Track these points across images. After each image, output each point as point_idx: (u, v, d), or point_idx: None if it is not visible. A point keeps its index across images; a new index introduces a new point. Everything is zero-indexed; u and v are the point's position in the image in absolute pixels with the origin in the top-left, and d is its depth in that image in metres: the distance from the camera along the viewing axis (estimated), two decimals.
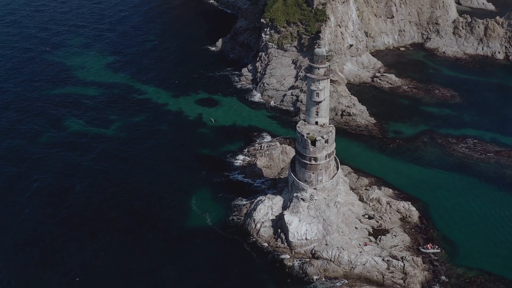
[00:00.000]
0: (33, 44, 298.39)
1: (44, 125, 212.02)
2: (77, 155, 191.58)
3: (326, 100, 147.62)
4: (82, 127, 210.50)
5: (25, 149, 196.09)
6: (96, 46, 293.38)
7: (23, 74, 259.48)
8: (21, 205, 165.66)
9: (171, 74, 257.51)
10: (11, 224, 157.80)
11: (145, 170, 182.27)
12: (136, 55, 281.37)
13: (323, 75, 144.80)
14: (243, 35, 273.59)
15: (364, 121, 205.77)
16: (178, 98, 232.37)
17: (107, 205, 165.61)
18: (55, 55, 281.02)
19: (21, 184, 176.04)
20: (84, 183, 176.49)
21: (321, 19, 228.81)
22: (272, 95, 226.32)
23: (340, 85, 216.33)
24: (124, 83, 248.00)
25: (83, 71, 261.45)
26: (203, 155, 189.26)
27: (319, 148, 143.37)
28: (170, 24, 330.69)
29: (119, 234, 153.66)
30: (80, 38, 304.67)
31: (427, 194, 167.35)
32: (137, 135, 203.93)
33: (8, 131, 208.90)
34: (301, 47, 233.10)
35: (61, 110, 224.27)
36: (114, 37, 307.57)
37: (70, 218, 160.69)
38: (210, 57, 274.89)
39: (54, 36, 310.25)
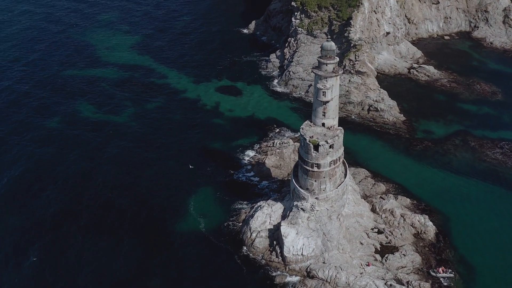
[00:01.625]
0: (63, 20, 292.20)
1: (54, 109, 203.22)
2: (78, 145, 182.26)
3: (335, 100, 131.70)
4: (92, 113, 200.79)
5: (30, 135, 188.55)
6: (125, 25, 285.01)
7: (45, 52, 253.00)
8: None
9: (196, 58, 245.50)
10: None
11: (148, 164, 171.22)
12: (165, 36, 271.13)
13: (332, 72, 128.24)
14: (276, 18, 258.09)
15: (392, 117, 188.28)
16: (198, 85, 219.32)
17: (98, 199, 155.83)
18: (82, 33, 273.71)
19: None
20: (78, 173, 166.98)
21: (353, 5, 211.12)
22: (297, 85, 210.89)
23: (369, 77, 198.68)
24: (146, 66, 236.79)
25: (107, 51, 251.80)
26: (212, 150, 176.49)
27: (322, 153, 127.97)
28: (206, 4, 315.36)
29: (106, 234, 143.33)
30: (112, 16, 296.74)
31: (450, 205, 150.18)
32: (147, 124, 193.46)
33: (14, 112, 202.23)
34: (331, 34, 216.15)
35: (75, 94, 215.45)
36: (146, 16, 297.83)
37: (53, 213, 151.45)
38: (240, 41, 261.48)
39: (86, 11, 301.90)
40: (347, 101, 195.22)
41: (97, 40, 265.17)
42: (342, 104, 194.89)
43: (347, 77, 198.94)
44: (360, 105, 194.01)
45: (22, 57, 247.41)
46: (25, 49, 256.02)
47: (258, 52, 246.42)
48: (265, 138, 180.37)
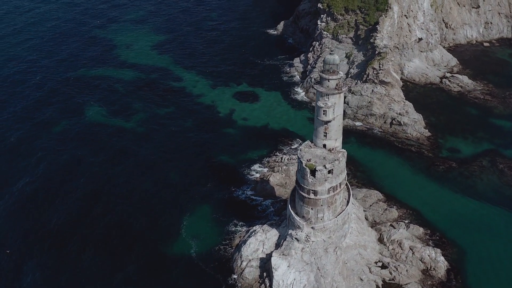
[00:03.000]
0: (89, 17, 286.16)
1: (63, 112, 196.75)
2: (81, 151, 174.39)
3: (338, 120, 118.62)
4: (102, 116, 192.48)
5: (34, 138, 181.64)
6: (150, 22, 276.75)
7: (64, 50, 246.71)
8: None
9: (217, 60, 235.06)
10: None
11: (147, 175, 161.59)
12: (189, 35, 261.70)
13: (334, 88, 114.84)
14: (304, 19, 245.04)
15: (415, 133, 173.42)
16: (215, 89, 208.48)
17: (87, 213, 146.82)
18: (105, 30, 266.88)
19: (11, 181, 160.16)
20: (72, 184, 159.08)
21: (381, 8, 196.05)
22: None
23: (394, 88, 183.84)
24: (164, 67, 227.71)
25: (127, 51, 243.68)
26: (218, 162, 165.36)
27: (319, 179, 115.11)
28: (240, 3, 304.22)
29: (85, 253, 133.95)
30: (137, 13, 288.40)
31: (468, 237, 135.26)
32: (155, 131, 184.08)
33: (23, 114, 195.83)
34: (357, 39, 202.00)
35: (87, 95, 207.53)
36: (173, 13, 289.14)
37: (43, 225, 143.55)
38: (266, 42, 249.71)
39: (112, 8, 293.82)
40: (369, 113, 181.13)
41: (120, 39, 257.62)
42: (364, 116, 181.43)
43: (370, 87, 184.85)
44: (383, 118, 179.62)
45: (37, 56, 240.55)
46: (45, 48, 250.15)
47: (283, 55, 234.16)
48: (275, 152, 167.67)
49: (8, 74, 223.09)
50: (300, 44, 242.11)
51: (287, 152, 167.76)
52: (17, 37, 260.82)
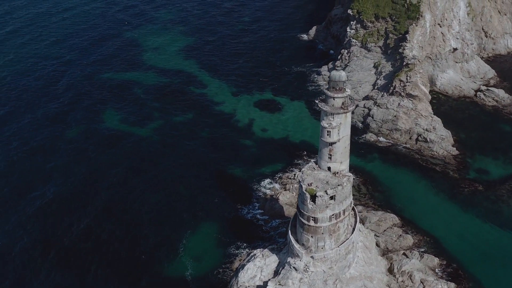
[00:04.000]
0: (117, 16, 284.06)
1: (79, 117, 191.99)
2: (91, 161, 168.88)
3: (344, 141, 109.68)
4: (118, 123, 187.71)
5: (49, 144, 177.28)
6: (181, 25, 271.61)
7: (92, 53, 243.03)
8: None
9: (243, 65, 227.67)
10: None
11: (156, 187, 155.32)
12: (219, 39, 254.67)
13: (340, 107, 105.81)
14: (336, 25, 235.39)
15: (442, 151, 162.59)
16: (237, 97, 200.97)
17: (79, 226, 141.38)
18: (134, 32, 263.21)
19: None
20: (69, 192, 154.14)
21: (412, 16, 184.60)
22: None
23: (421, 102, 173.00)
24: (189, 72, 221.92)
25: (154, 54, 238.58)
26: (229, 176, 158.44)
27: (320, 206, 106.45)
28: (273, 4, 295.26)
29: (77, 269, 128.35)
30: (169, 14, 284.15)
31: (488, 271, 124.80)
32: (170, 140, 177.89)
33: (41, 117, 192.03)
34: (386, 48, 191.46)
35: (106, 100, 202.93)
36: (207, 16, 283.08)
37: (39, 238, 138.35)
38: (296, 48, 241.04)
39: (143, 8, 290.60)
40: (394, 128, 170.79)
41: (145, 40, 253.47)
42: (388, 131, 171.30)
43: (396, 100, 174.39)
44: (408, 134, 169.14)
45: (60, 54, 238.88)
46: (67, 46, 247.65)
47: (312, 62, 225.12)
48: (290, 167, 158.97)
49: (32, 76, 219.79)
50: (330, 51, 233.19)
51: (298, 168, 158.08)
52: (47, 38, 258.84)
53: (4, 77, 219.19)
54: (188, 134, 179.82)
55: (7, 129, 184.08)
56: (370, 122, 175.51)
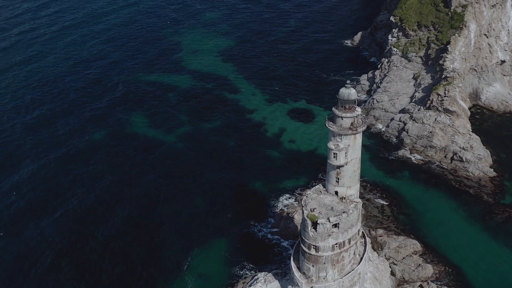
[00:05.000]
0: (160, 16, 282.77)
1: (106, 119, 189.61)
2: (110, 166, 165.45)
3: (353, 164, 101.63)
4: (144, 127, 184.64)
5: (67, 147, 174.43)
6: (224, 26, 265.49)
7: (127, 52, 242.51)
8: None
9: (281, 71, 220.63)
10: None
11: (171, 198, 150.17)
12: (261, 43, 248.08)
13: (348, 128, 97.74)
14: (381, 31, 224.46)
15: (478, 172, 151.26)
16: (270, 105, 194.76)
17: (93, 234, 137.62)
18: (175, 32, 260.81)
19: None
20: (86, 202, 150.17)
21: (456, 26, 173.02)
22: (379, 117, 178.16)
23: (459, 118, 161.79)
24: (224, 76, 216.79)
25: (192, 56, 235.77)
26: (247, 189, 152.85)
27: (322, 234, 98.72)
28: (322, 7, 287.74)
29: (71, 281, 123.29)
30: (215, 15, 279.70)
31: None
32: (193, 148, 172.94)
33: (64, 119, 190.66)
34: (427, 58, 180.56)
35: (137, 103, 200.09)
36: (250, 18, 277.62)
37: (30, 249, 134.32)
38: (338, 54, 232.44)
39: (190, 9, 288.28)
40: (429, 145, 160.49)
41: (187, 41, 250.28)
42: (423, 148, 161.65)
43: (433, 115, 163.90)
44: (443, 152, 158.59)
45: (98, 57, 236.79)
46: (108, 48, 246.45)
47: (353, 70, 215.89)
48: (313, 183, 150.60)
49: (64, 75, 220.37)
50: (373, 59, 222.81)
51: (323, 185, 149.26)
52: (84, 36, 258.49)
53: (46, 77, 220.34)
54: (213, 143, 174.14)
55: (36, 128, 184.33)
56: (405, 137, 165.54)
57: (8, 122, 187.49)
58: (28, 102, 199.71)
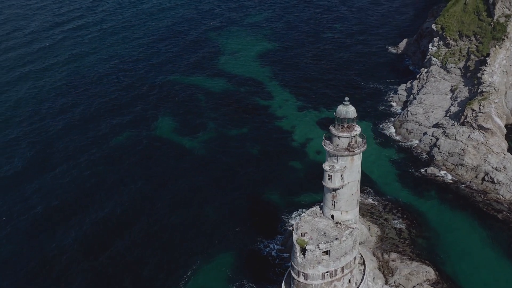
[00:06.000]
0: (203, 16, 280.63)
1: (133, 121, 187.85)
2: (128, 171, 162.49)
3: (350, 188, 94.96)
4: (169, 131, 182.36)
5: (88, 148, 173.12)
6: (267, 28, 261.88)
7: (166, 53, 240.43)
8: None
9: (318, 77, 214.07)
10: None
11: (182, 207, 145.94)
12: (302, 47, 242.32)
13: (345, 148, 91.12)
14: (426, 39, 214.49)
15: (510, 195, 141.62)
16: (301, 112, 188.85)
17: (98, 241, 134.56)
18: (216, 33, 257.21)
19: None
20: (100, 205, 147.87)
21: (497, 37, 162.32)
22: (411, 130, 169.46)
23: (494, 136, 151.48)
24: (259, 81, 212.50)
25: (230, 59, 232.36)
26: (262, 201, 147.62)
27: (310, 261, 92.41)
28: (376, 14, 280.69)
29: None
30: (261, 17, 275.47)
31: None
32: (215, 155, 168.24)
33: (91, 120, 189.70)
34: (465, 70, 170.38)
35: (165, 104, 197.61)
36: (295, 21, 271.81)
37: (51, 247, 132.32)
38: (380, 61, 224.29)
39: (235, 10, 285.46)
40: (460, 163, 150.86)
41: (226, 42, 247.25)
42: (453, 166, 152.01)
43: (466, 131, 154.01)
44: (474, 171, 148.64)
45: (135, 57, 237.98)
46: (147, 48, 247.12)
47: (392, 78, 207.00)
48: None
49: (98, 75, 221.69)
50: (417, 67, 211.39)
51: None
52: (124, 34, 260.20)
53: (86, 76, 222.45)
54: (235, 151, 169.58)
55: (56, 127, 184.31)
56: (436, 154, 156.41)
57: (42, 121, 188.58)
58: (63, 102, 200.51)
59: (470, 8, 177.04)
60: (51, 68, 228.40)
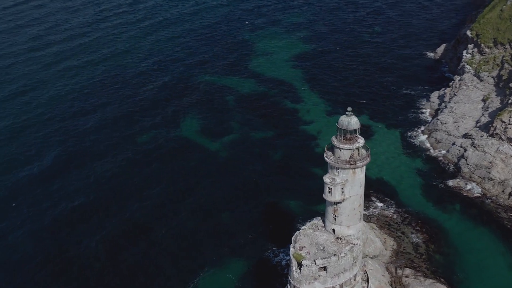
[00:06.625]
0: (241, 16, 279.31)
1: (160, 121, 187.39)
2: (147, 171, 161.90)
3: (352, 202, 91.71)
4: (192, 132, 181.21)
5: (109, 147, 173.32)
6: (304, 30, 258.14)
7: (199, 53, 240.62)
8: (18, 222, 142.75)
9: (351, 81, 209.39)
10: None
11: (198, 210, 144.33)
12: (337, 49, 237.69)
13: (346, 161, 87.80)
14: (463, 45, 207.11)
15: None
16: (329, 118, 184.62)
17: (111, 244, 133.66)
18: (252, 33, 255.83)
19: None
20: (119, 208, 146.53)
21: None
22: (440, 140, 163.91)
23: None
24: (289, 83, 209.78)
25: (262, 60, 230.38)
26: (279, 208, 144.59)
27: (306, 277, 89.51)
28: (423, 17, 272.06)
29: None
30: (295, 18, 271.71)
31: None
32: (236, 159, 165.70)
33: (118, 118, 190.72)
34: (499, 80, 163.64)
35: (192, 104, 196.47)
36: (335, 23, 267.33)
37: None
38: (416, 66, 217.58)
39: (271, 9, 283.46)
40: (487, 176, 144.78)
41: (260, 43, 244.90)
42: (480, 179, 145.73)
43: (495, 143, 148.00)
44: (501, 185, 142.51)
45: (172, 57, 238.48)
46: (185, 48, 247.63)
47: (426, 85, 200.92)
48: None
49: (133, 73, 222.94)
50: (453, 74, 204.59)
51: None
52: (162, 33, 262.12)
53: (119, 74, 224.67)
54: (258, 155, 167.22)
55: (85, 126, 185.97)
56: (463, 166, 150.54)
57: (72, 119, 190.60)
58: (95, 100, 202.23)
59: (507, 15, 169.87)
60: (86, 65, 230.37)
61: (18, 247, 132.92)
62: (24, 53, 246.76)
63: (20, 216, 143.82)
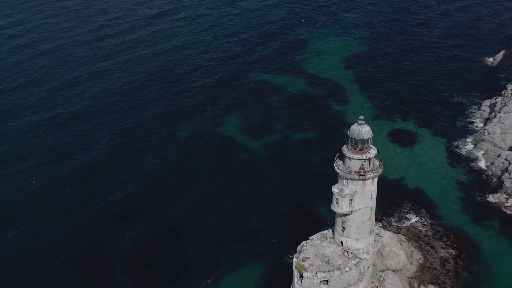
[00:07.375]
0: (299, 14, 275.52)
1: (200, 118, 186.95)
2: (181, 168, 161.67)
3: (361, 215, 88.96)
4: (235, 129, 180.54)
5: (160, 149, 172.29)
6: (362, 30, 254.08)
7: (253, 50, 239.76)
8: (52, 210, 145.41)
9: (403, 85, 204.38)
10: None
11: (227, 210, 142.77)
12: (393, 52, 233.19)
13: (356, 172, 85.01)
14: None
15: None
16: (374, 121, 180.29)
17: (131, 237, 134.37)
18: (308, 32, 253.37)
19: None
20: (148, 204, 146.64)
21: None
22: (486, 151, 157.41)
23: None
24: (339, 85, 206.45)
25: (315, 59, 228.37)
26: (309, 214, 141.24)
27: None
28: (487, 21, 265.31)
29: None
30: (354, 18, 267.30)
31: None
32: (274, 159, 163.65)
33: (164, 114, 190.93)
34: None
35: (237, 102, 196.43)
36: (392, 26, 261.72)
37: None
38: (472, 73, 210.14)
39: (329, 9, 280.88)
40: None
41: (315, 42, 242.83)
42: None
43: None
44: None
45: (223, 55, 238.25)
46: (234, 39, 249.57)
47: (480, 92, 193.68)
48: (382, 217, 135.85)
49: (186, 69, 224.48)
50: (508, 82, 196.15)
51: (389, 222, 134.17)
52: (221, 28, 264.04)
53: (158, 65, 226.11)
54: (296, 156, 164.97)
55: (131, 118, 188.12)
56: (505, 180, 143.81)
57: (123, 113, 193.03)
58: (145, 95, 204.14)
59: None
60: (140, 60, 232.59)
61: (52, 238, 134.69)
62: (83, 44, 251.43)
63: (57, 207, 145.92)
